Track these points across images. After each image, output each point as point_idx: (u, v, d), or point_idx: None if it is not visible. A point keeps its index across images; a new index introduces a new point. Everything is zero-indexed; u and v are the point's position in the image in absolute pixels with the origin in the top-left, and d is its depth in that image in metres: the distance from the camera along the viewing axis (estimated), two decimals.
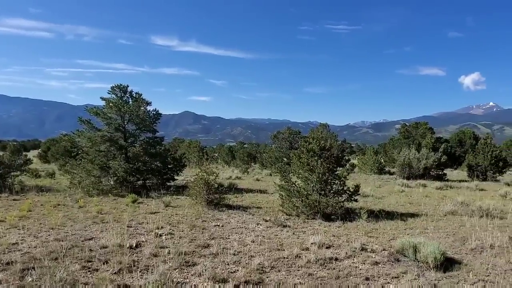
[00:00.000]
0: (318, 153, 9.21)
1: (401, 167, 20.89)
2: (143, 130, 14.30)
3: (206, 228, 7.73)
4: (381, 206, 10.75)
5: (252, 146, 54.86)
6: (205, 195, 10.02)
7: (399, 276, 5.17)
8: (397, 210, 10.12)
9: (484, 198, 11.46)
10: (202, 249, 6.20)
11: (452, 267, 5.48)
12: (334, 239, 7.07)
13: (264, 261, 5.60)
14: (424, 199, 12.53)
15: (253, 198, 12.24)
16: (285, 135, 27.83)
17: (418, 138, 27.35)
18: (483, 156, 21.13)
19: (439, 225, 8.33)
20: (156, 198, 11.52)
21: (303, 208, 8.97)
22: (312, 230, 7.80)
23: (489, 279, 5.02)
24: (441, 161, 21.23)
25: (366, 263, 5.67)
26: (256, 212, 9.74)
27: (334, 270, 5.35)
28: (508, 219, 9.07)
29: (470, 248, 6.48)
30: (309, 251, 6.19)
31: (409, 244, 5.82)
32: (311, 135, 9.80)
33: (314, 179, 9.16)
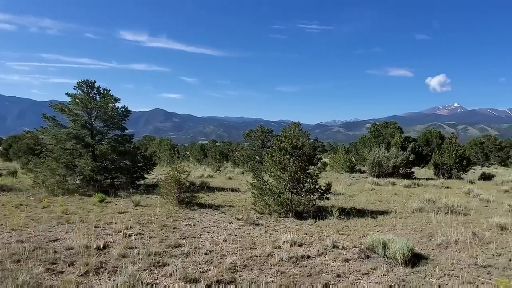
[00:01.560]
0: (290, 151, 9.23)
1: (372, 166, 21.38)
2: (111, 127, 13.86)
3: (177, 228, 7.57)
4: (352, 204, 10.93)
5: (224, 144, 54.60)
6: (176, 194, 9.83)
7: (369, 272, 5.24)
8: (367, 208, 10.32)
9: (449, 196, 11.88)
10: (173, 249, 6.06)
11: (419, 262, 5.62)
12: (306, 237, 7.10)
13: (236, 260, 5.53)
14: (393, 196, 12.86)
15: (225, 196, 12.14)
16: (258, 134, 27.86)
17: (387, 137, 28.10)
18: (448, 155, 21.97)
19: (407, 222, 8.55)
20: (125, 197, 11.19)
21: (276, 206, 8.97)
22: (285, 228, 7.80)
23: (454, 274, 5.18)
24: (409, 160, 21.89)
25: (338, 260, 5.72)
26: (228, 210, 9.65)
27: (306, 267, 5.36)
28: (471, 215, 9.44)
29: (436, 243, 6.67)
30: (281, 249, 6.17)
31: (379, 241, 5.91)
32: (284, 134, 9.81)
33: (286, 178, 9.17)
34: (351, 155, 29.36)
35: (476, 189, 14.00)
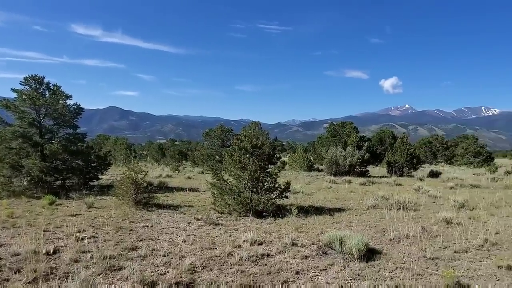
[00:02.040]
0: (250, 151, 9.25)
1: (329, 164, 21.94)
2: (62, 125, 13.15)
3: (134, 230, 7.34)
4: (310, 202, 11.15)
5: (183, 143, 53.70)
6: (133, 195, 9.53)
7: (327, 268, 5.37)
8: (325, 206, 10.58)
9: (401, 192, 12.46)
10: (129, 252, 5.86)
11: (374, 257, 5.84)
12: (266, 235, 7.14)
13: (196, 260, 5.46)
14: (350, 194, 13.28)
15: (185, 196, 11.94)
16: (217, 133, 27.69)
17: (344, 136, 28.98)
18: (400, 154, 23.08)
19: (363, 218, 8.87)
20: (77, 199, 10.67)
21: (235, 205, 8.95)
22: (244, 227, 7.81)
23: (405, 266, 5.43)
24: (365, 159, 22.72)
25: (297, 257, 5.81)
26: (188, 211, 9.50)
27: (266, 266, 5.39)
28: (420, 211, 9.97)
29: (389, 238, 6.97)
30: (241, 248, 6.17)
31: (336, 237, 6.08)
32: (243, 133, 9.81)
33: (246, 177, 9.18)
34: (309, 154, 29.99)
35: (425, 186, 14.80)
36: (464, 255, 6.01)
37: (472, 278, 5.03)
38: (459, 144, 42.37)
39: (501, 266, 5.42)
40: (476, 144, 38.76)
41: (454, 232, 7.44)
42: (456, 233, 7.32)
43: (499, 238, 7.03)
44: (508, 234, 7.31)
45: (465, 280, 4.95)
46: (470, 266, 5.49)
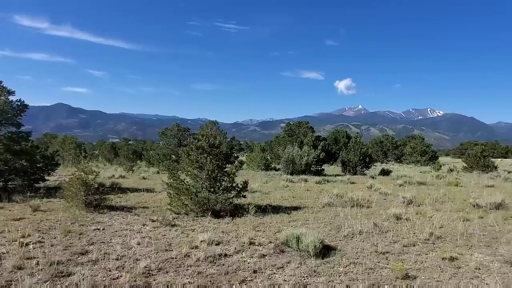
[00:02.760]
0: (207, 150, 9.14)
1: (286, 164, 22.26)
2: (3, 123, 12.22)
3: (84, 233, 6.98)
4: (268, 201, 11.24)
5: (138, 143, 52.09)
6: (83, 197, 9.07)
7: (284, 266, 5.43)
8: (282, 204, 10.71)
9: (355, 190, 12.90)
10: (79, 257, 5.57)
11: (329, 253, 5.99)
12: (224, 235, 7.09)
13: (151, 263, 5.29)
14: (306, 193, 13.55)
15: (139, 197, 11.57)
16: (174, 132, 27.15)
17: (300, 136, 29.53)
18: (354, 153, 23.93)
19: (318, 216, 9.08)
20: (21, 202, 9.96)
21: (192, 206, 8.81)
22: (202, 227, 7.71)
23: (358, 261, 5.63)
24: (320, 158, 23.29)
25: (254, 256, 5.82)
26: (142, 212, 9.21)
27: (223, 266, 5.35)
28: (373, 207, 10.39)
29: (343, 235, 7.19)
30: (198, 249, 6.08)
31: (293, 235, 6.16)
32: (201, 132, 9.69)
33: (204, 177, 9.07)
34: (266, 153, 30.24)
35: (377, 183, 15.46)
36: (412, 249, 6.33)
37: (419, 270, 5.31)
38: (408, 143, 44.74)
39: (444, 257, 5.78)
40: (423, 143, 41.13)
41: (403, 227, 7.82)
42: (405, 228, 7.70)
43: (443, 231, 7.50)
44: (451, 228, 7.82)
45: (413, 272, 5.21)
46: (418, 259, 5.80)
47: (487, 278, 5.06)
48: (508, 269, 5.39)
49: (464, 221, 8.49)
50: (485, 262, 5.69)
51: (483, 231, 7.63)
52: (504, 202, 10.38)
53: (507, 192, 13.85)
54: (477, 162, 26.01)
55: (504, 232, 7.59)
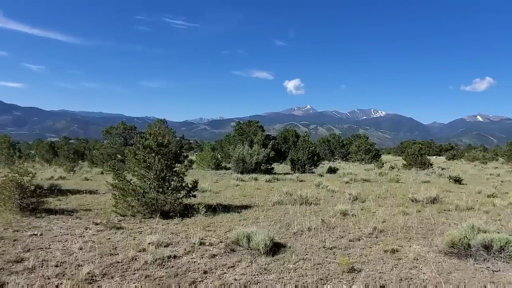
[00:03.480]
0: (155, 149, 8.86)
1: (236, 162, 22.25)
2: None
3: (19, 239, 6.45)
4: (218, 200, 11.15)
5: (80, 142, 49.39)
6: (18, 200, 8.38)
7: (235, 265, 5.40)
8: (233, 203, 10.68)
9: (303, 188, 13.22)
10: (13, 265, 5.13)
11: (279, 250, 6.06)
12: (173, 236, 6.92)
13: (94, 269, 5.01)
14: (256, 191, 13.63)
15: (81, 199, 10.94)
16: (119, 130, 26.05)
17: (251, 135, 29.70)
18: (302, 151, 24.51)
19: (268, 214, 9.17)
20: None
21: (140, 207, 8.49)
22: (150, 229, 7.45)
23: (307, 257, 5.76)
24: (270, 156, 23.56)
25: (204, 257, 5.73)
26: (85, 215, 8.71)
27: (173, 268, 5.20)
28: (321, 204, 10.70)
29: (293, 232, 7.32)
30: (146, 251, 5.86)
31: (243, 234, 6.15)
32: (148, 131, 9.36)
33: (152, 177, 8.78)
34: (217, 152, 30.04)
35: (324, 181, 15.94)
36: (357, 243, 6.60)
37: (364, 263, 5.55)
38: (353, 142, 46.69)
39: (387, 250, 6.09)
40: (367, 142, 43.18)
41: (349, 222, 8.14)
42: (351, 223, 8.03)
43: (385, 225, 7.91)
44: (392, 222, 8.28)
45: (358, 265, 5.43)
46: (362, 252, 6.06)
47: (424, 267, 5.40)
48: (442, 258, 5.81)
49: (403, 215, 9.04)
50: (422, 253, 6.09)
51: (420, 224, 8.16)
52: (439, 197, 11.20)
53: (441, 187, 14.98)
54: (415, 160, 27.82)
55: (438, 224, 8.18)
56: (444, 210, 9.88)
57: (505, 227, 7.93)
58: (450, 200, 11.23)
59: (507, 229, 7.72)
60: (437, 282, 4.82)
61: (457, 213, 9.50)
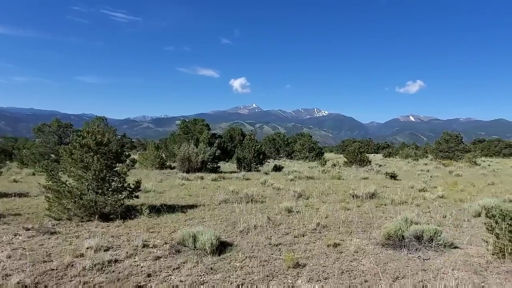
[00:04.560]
0: (94, 148, 8.38)
1: (182, 161, 21.82)
2: None
3: None
4: (163, 200, 10.84)
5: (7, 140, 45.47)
6: None
7: (180, 266, 5.28)
8: (178, 203, 10.43)
9: (250, 186, 13.30)
10: None
11: (226, 249, 6.03)
12: (114, 239, 6.59)
13: (25, 278, 4.62)
14: (202, 190, 13.45)
15: (9, 203, 10.03)
16: (53, 128, 24.32)
17: (196, 133, 29.28)
18: (248, 150, 24.67)
19: (215, 213, 9.09)
20: None
21: (76, 210, 7.98)
22: (88, 233, 7.03)
23: (253, 255, 5.78)
24: (216, 155, 23.43)
25: (148, 259, 5.53)
26: (14, 220, 8.00)
27: (114, 273, 4.95)
28: (266, 202, 10.82)
29: (239, 230, 7.32)
30: (84, 257, 5.52)
31: (189, 234, 6.04)
32: (86, 129, 8.82)
33: (90, 177, 8.29)
34: (161, 151, 29.22)
35: (270, 179, 16.19)
36: (302, 239, 6.77)
37: (308, 258, 5.70)
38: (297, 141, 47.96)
39: (329, 244, 6.32)
40: (311, 141, 44.57)
41: (294, 219, 8.32)
42: (296, 220, 8.22)
43: (328, 221, 8.20)
44: (334, 217, 8.61)
45: (302, 260, 5.57)
46: (307, 248, 6.22)
47: (363, 259, 5.68)
48: (379, 250, 6.14)
49: (345, 210, 9.45)
50: (362, 246, 6.39)
51: (360, 218, 8.58)
52: (376, 192, 11.86)
53: (378, 183, 15.90)
54: (355, 158, 29.24)
55: (376, 218, 8.66)
56: (381, 204, 10.48)
57: (434, 218, 8.61)
58: (387, 195, 11.94)
59: (436, 220, 8.39)
60: (375, 273, 5.09)
61: (392, 207, 10.12)
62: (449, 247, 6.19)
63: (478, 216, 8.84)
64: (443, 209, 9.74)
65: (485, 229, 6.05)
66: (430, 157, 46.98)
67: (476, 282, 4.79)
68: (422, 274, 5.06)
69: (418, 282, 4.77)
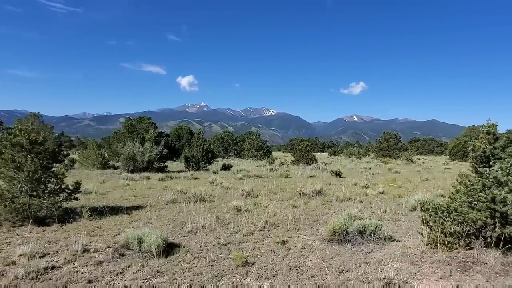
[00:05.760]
0: (27, 148, 7.75)
1: (126, 161, 20.99)
2: None
3: None
4: (105, 202, 10.33)
5: None
6: None
7: (124, 270, 5.05)
8: (122, 204, 10.00)
9: (198, 186, 13.11)
10: None
11: (173, 251, 5.87)
12: (50, 245, 6.14)
13: None
14: (148, 190, 13.03)
15: None
16: None
17: (142, 132, 28.32)
18: (197, 149, 24.34)
19: (162, 214, 8.83)
20: None
21: (7, 214, 7.32)
22: (21, 239, 6.49)
23: (202, 255, 5.70)
24: (163, 154, 22.83)
25: (89, 265, 5.23)
26: None
27: (50, 280, 4.61)
28: (215, 201, 10.73)
29: (187, 231, 7.18)
30: (16, 265, 5.09)
31: (134, 236, 5.80)
32: (18, 126, 8.13)
33: (23, 179, 7.66)
34: (103, 150, 27.85)
35: (218, 178, 16.10)
36: (250, 237, 6.79)
37: (257, 256, 5.72)
38: (246, 139, 48.26)
39: (278, 242, 6.40)
40: (259, 139, 45.07)
41: (243, 218, 8.33)
42: (244, 218, 8.23)
43: (276, 219, 8.32)
44: (282, 215, 8.75)
45: (251, 258, 5.58)
46: (255, 246, 6.25)
47: (310, 255, 5.82)
48: (325, 246, 6.34)
49: (292, 208, 9.64)
50: (309, 242, 6.56)
51: (307, 215, 8.80)
52: (322, 190, 12.25)
53: (324, 181, 16.46)
54: (302, 156, 30.03)
55: (322, 214, 8.94)
56: (327, 201, 10.85)
57: (375, 213, 9.07)
58: (332, 192, 12.39)
59: (377, 215, 8.85)
60: (321, 267, 5.24)
61: (337, 203, 10.52)
62: (389, 240, 6.55)
63: (414, 210, 9.46)
64: (384, 205, 10.31)
65: (420, 222, 6.48)
66: (372, 155, 49.65)
67: (412, 272, 5.12)
68: (364, 266, 5.30)
69: (361, 274, 4.98)
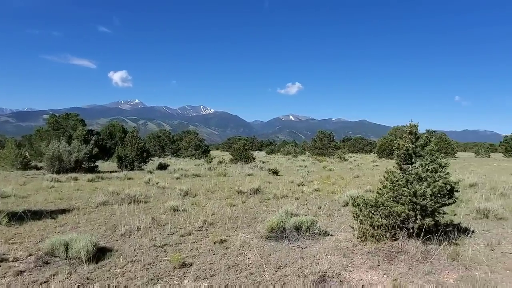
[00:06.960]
0: None
1: (51, 161, 19.42)
2: None
3: None
4: (26, 206, 9.43)
5: None
6: None
7: (49, 279, 4.64)
8: (46, 208, 9.20)
9: (132, 186, 12.55)
10: None
11: (105, 256, 5.53)
12: None
13: None
14: (76, 192, 12.17)
15: None
16: None
17: (69, 130, 26.44)
18: (131, 148, 23.29)
19: (92, 217, 8.29)
20: None
21: None
22: None
23: (136, 259, 5.44)
24: (93, 153, 21.52)
25: (8, 275, 4.73)
26: None
27: None
28: (151, 202, 10.34)
29: (120, 234, 6.81)
30: None
31: (60, 242, 5.37)
32: None
33: None
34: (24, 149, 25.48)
35: (154, 178, 15.57)
36: (188, 238, 6.64)
37: (195, 257, 5.61)
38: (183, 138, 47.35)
39: (216, 241, 6.35)
40: (197, 138, 44.44)
41: (180, 218, 8.13)
42: (182, 219, 8.04)
43: (214, 218, 8.24)
44: (221, 214, 8.70)
45: (189, 259, 5.45)
46: (193, 246, 6.13)
47: (248, 253, 5.85)
48: (263, 243, 6.42)
49: (231, 206, 9.63)
50: (247, 240, 6.59)
51: (245, 214, 8.85)
52: (260, 188, 12.43)
53: (262, 179, 16.71)
54: (240, 155, 30.20)
55: (260, 212, 9.05)
56: (265, 199, 11.01)
57: (311, 210, 9.40)
58: (269, 190, 12.61)
59: (312, 211, 9.18)
60: (260, 265, 5.29)
61: (275, 201, 10.72)
62: (323, 235, 6.82)
63: (346, 206, 9.97)
64: (318, 201, 10.73)
65: (352, 217, 6.83)
66: (307, 153, 51.57)
67: (344, 264, 5.37)
68: (301, 261, 5.45)
69: (298, 269, 5.12)
